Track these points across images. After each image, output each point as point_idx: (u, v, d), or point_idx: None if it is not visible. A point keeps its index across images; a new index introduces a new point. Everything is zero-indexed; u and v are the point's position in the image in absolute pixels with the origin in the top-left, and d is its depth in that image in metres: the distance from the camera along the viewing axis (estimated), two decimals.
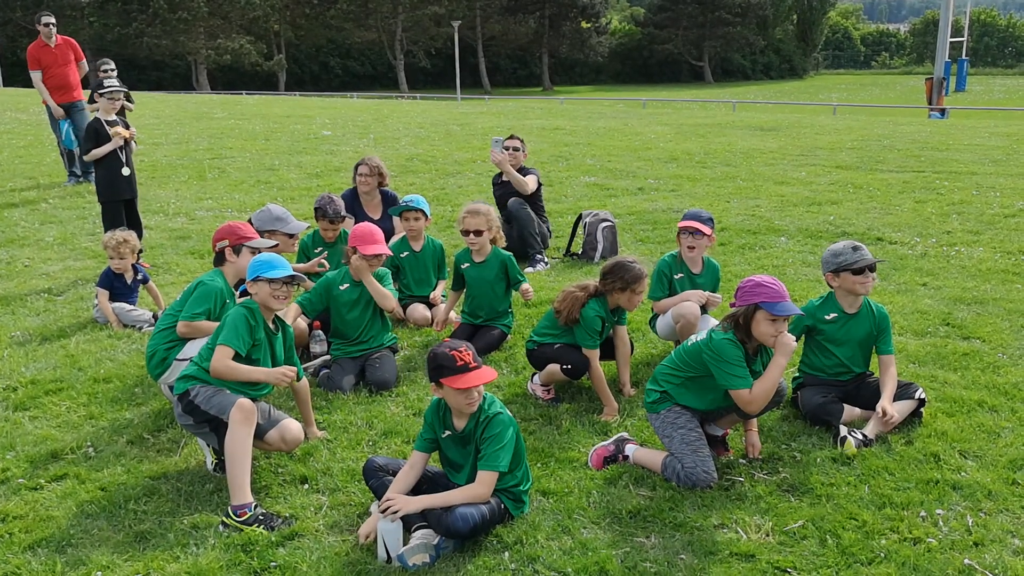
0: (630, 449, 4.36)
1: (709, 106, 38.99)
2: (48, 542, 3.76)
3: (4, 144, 16.63)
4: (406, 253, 6.63)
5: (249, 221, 5.78)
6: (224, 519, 3.86)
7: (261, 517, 3.85)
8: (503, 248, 6.10)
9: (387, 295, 5.60)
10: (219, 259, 5.06)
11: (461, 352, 3.67)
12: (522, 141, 8.46)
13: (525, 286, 6.03)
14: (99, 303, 6.56)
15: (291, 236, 6.00)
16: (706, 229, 5.61)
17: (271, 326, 4.41)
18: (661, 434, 4.30)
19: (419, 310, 6.46)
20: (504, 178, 8.41)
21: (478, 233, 5.92)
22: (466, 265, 6.03)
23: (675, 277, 5.69)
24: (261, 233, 5.71)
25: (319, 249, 6.60)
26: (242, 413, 3.98)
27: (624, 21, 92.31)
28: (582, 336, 5.02)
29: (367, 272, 5.52)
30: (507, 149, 8.29)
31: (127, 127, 8.18)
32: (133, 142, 8.26)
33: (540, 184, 8.47)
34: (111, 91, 8.10)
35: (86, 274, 7.89)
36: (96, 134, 7.94)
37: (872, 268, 4.78)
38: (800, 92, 64.52)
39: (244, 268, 4.82)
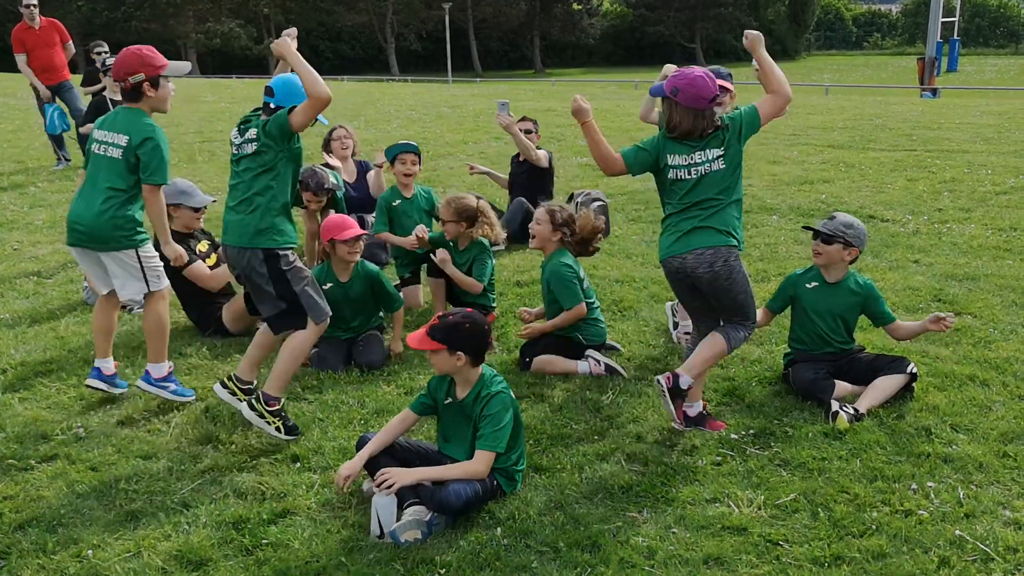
0: (684, 381, 4.26)
1: None
2: (38, 521, 3.75)
3: None
4: (398, 201, 6.58)
5: None
6: (254, 401, 4.23)
7: (284, 415, 4.30)
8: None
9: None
10: (134, 95, 4.58)
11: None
12: (535, 122, 8.35)
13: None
14: (88, 281, 6.52)
15: (196, 210, 5.95)
16: (726, 85, 5.47)
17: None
18: (725, 293, 4.23)
19: (413, 294, 6.44)
20: (522, 157, 8.19)
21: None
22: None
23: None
24: (168, 206, 5.67)
25: None
26: (320, 331, 4.46)
27: (615, 3, 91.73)
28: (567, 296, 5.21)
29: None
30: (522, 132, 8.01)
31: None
32: None
33: (552, 167, 8.30)
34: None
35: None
36: (97, 110, 7.92)
37: (823, 238, 4.80)
38: (792, 73, 64.11)
39: (164, 101, 4.65)
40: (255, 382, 4.59)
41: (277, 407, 4.27)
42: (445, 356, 3.75)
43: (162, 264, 4.92)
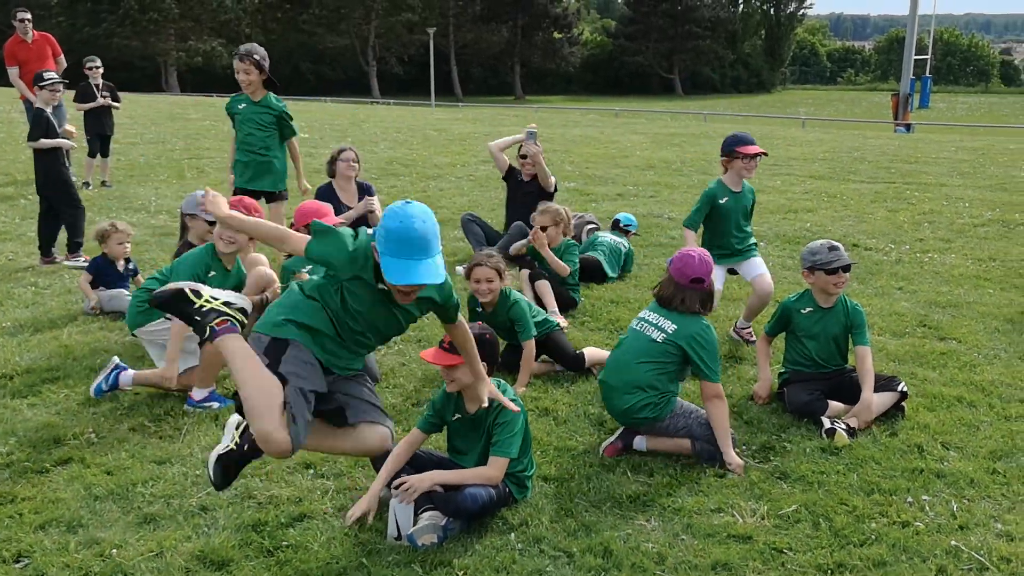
0: (639, 443, 4.47)
1: (681, 117, 39.42)
2: (58, 522, 3.80)
3: None
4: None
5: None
6: None
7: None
8: None
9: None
10: None
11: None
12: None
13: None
14: (80, 284, 6.72)
15: (212, 223, 6.04)
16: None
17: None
18: (674, 432, 4.43)
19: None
20: (527, 176, 8.37)
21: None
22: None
23: (720, 200, 6.05)
24: (185, 216, 6.05)
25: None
26: None
27: (595, 32, 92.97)
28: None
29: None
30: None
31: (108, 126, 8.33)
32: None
33: (556, 190, 8.46)
34: (52, 83, 8.26)
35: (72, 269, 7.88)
36: (46, 123, 8.07)
37: (846, 269, 4.96)
38: (768, 105, 65.42)
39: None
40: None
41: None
42: (465, 369, 3.83)
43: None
